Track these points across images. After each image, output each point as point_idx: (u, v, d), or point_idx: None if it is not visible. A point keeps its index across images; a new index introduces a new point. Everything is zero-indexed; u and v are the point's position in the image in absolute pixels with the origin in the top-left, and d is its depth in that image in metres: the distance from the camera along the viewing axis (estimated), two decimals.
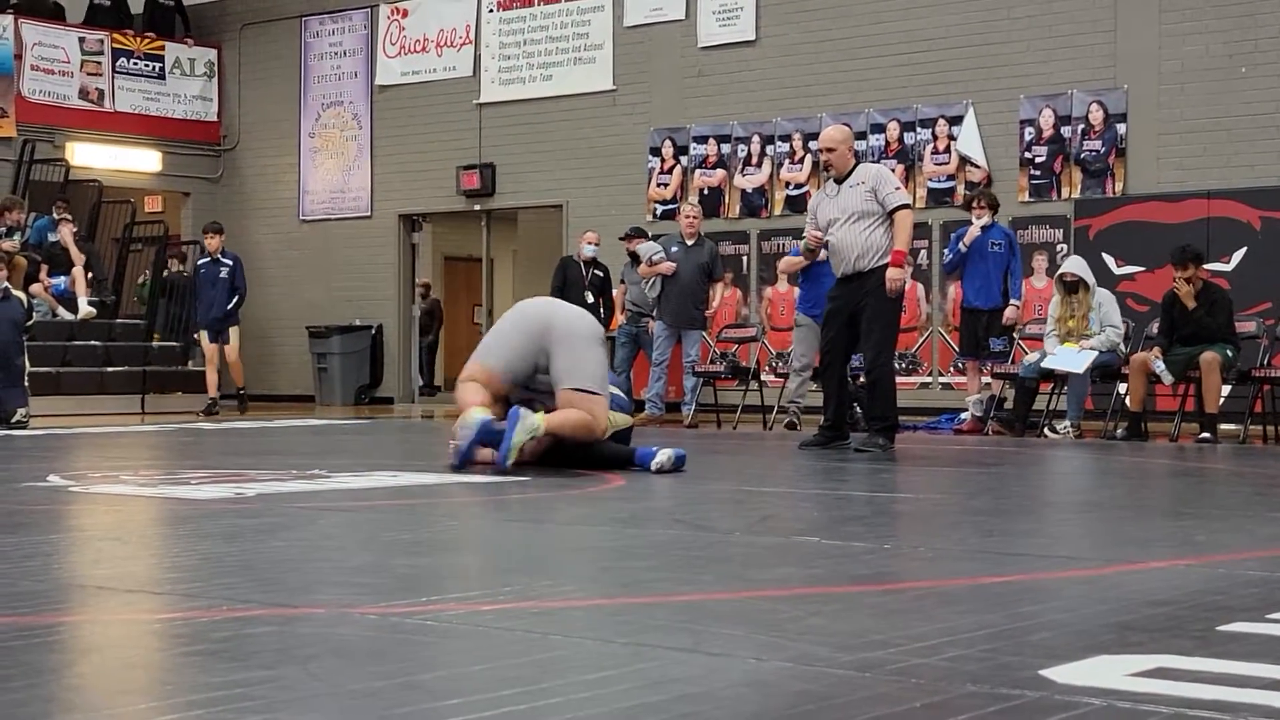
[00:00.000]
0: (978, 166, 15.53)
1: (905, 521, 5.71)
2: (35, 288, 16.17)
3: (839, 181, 9.69)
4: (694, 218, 14.47)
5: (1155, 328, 12.36)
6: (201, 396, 18.07)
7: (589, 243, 15.52)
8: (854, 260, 9.46)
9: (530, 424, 7.33)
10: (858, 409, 13.56)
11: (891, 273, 9.34)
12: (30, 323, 13.61)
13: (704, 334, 14.64)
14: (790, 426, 13.07)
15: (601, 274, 15.47)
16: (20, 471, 8.16)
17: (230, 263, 16.71)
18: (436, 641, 3.01)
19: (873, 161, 14.28)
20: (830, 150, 9.74)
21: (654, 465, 7.61)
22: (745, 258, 16.93)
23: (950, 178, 15.71)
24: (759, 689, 2.57)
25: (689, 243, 14.27)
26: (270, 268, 21.10)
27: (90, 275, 17.73)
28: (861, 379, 13.34)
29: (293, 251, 20.88)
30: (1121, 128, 14.86)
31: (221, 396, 16.86)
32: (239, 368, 17.22)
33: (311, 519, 5.60)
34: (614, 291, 15.32)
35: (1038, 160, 15.30)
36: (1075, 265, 12.67)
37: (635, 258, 14.77)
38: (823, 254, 10.52)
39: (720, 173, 17.23)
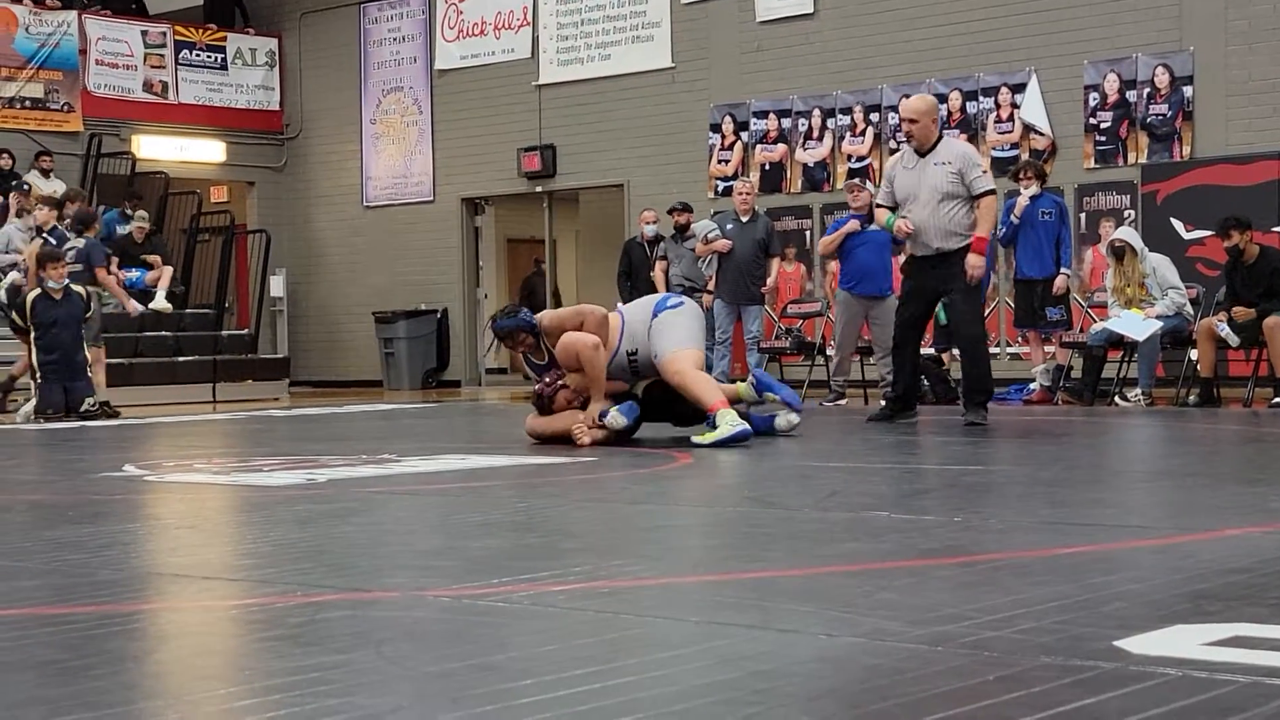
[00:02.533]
0: (1042, 134, 15.39)
1: (975, 494, 5.68)
2: (100, 273, 15.95)
3: (921, 154, 9.35)
4: (748, 193, 14.41)
5: (1224, 292, 12.23)
6: (271, 385, 18.23)
7: (647, 222, 15.52)
8: (937, 242, 9.23)
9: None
10: (925, 383, 13.53)
11: (972, 259, 9.13)
12: (88, 314, 13.60)
13: (764, 309, 14.61)
14: (839, 398, 13.13)
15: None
16: (96, 462, 8.26)
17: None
18: (508, 623, 3.03)
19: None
20: (912, 122, 9.36)
21: (779, 425, 8.53)
22: (808, 232, 16.86)
23: (1014, 146, 15.58)
24: (831, 665, 2.58)
25: (744, 219, 14.21)
26: (335, 254, 21.22)
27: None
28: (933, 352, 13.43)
29: (357, 238, 20.99)
30: (1188, 90, 14.67)
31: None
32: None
33: (382, 503, 5.65)
34: (656, 269, 15.13)
35: (1103, 126, 15.14)
36: (1122, 232, 12.66)
37: (680, 232, 14.74)
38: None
39: (781, 147, 17.16)
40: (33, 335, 13.04)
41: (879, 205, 9.72)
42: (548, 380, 8.32)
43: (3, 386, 14.29)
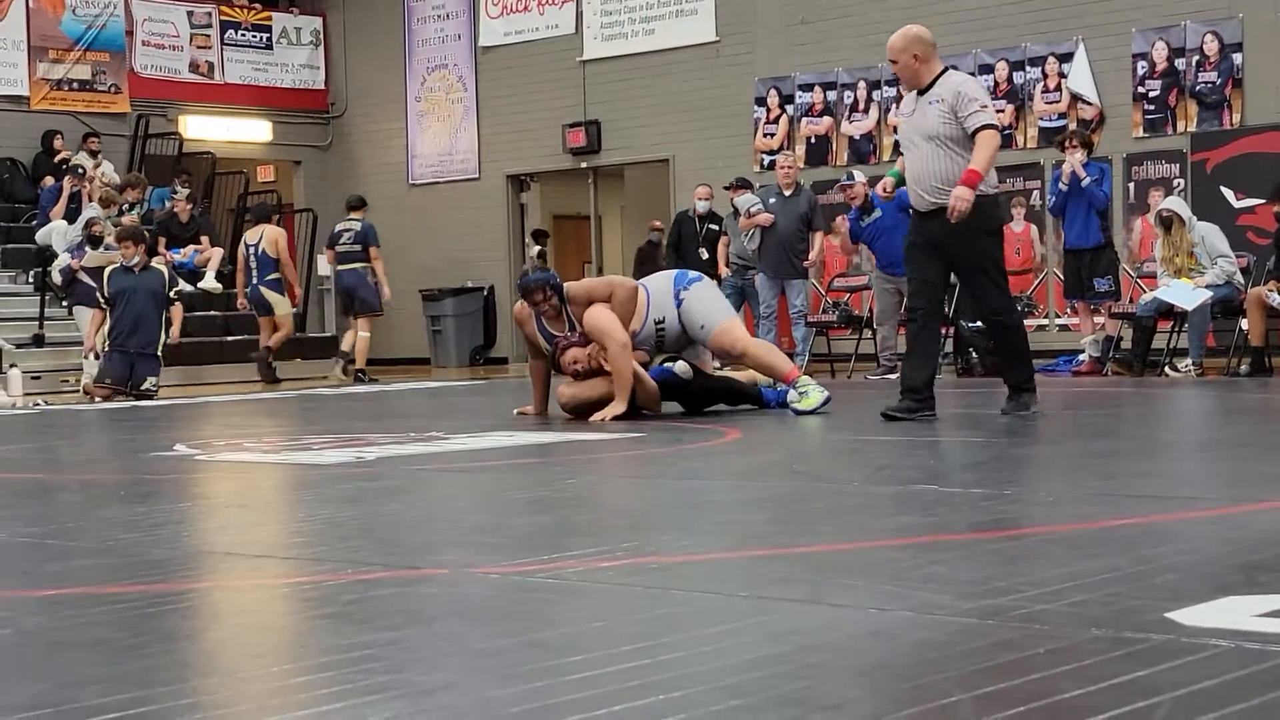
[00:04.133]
0: (1090, 104, 15.27)
1: (1024, 466, 5.66)
2: (373, 252, 16.28)
3: (921, 94, 7.74)
4: (790, 168, 14.39)
5: (1275, 261, 12.13)
6: (320, 363, 18.29)
7: (700, 198, 15.51)
8: (931, 195, 7.60)
9: None
10: (973, 354, 13.49)
11: (957, 190, 7.38)
12: (175, 290, 13.89)
13: (806, 283, 14.60)
14: (890, 371, 13.16)
15: (716, 227, 15.43)
16: (148, 441, 8.33)
17: None
18: (558, 599, 3.03)
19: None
20: (893, 62, 7.83)
21: (791, 399, 8.37)
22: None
23: (1061, 116, 15.46)
24: (881, 639, 2.57)
25: (786, 193, 14.19)
26: (382, 232, 21.16)
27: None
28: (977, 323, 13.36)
29: (403, 216, 21.02)
30: (1238, 58, 14.52)
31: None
32: None
33: (431, 480, 5.67)
34: (719, 245, 15.29)
35: (1152, 95, 15.01)
36: (1170, 202, 12.58)
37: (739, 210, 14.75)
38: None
39: (827, 120, 17.09)
40: (108, 307, 13.32)
41: (897, 155, 8.39)
42: (566, 336, 8.33)
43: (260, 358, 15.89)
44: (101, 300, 13.51)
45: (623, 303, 8.28)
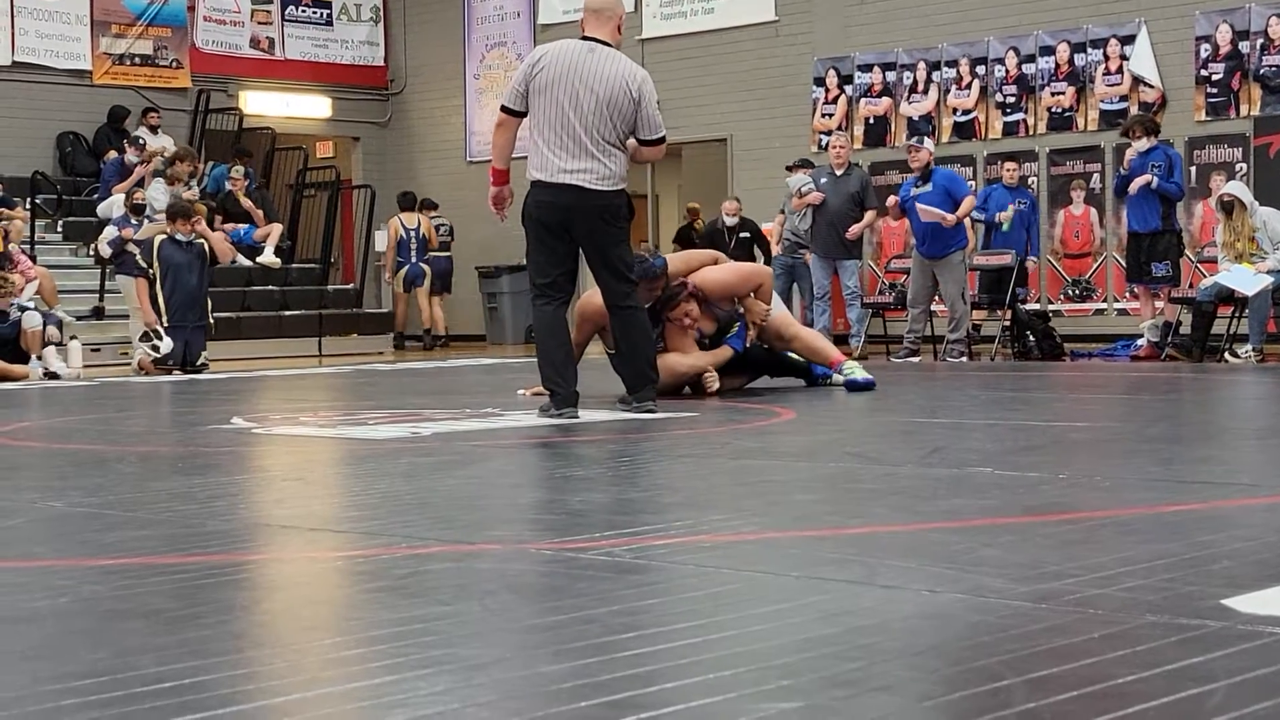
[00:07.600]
0: (1152, 86, 15.12)
1: (1081, 451, 5.62)
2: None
3: None
4: (842, 148, 14.36)
5: None
6: (376, 339, 18.42)
7: (728, 213, 15.56)
8: None
9: None
10: (1030, 338, 13.41)
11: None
12: (215, 264, 14.03)
13: (858, 264, 14.55)
14: (911, 354, 13.13)
15: (748, 235, 15.43)
16: (205, 415, 8.39)
17: None
18: (610, 576, 3.04)
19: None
20: None
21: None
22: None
23: (1123, 99, 15.31)
24: (933, 620, 2.56)
25: (838, 173, 14.16)
26: (439, 209, 21.32)
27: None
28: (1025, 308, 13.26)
29: (461, 192, 21.06)
30: None
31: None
32: None
33: (486, 457, 5.69)
34: (770, 224, 15.27)
35: (1214, 78, 14.84)
36: (1231, 186, 12.46)
37: None
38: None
39: (885, 101, 16.99)
40: (158, 280, 13.40)
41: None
42: (689, 286, 8.32)
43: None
44: (144, 268, 13.48)
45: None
